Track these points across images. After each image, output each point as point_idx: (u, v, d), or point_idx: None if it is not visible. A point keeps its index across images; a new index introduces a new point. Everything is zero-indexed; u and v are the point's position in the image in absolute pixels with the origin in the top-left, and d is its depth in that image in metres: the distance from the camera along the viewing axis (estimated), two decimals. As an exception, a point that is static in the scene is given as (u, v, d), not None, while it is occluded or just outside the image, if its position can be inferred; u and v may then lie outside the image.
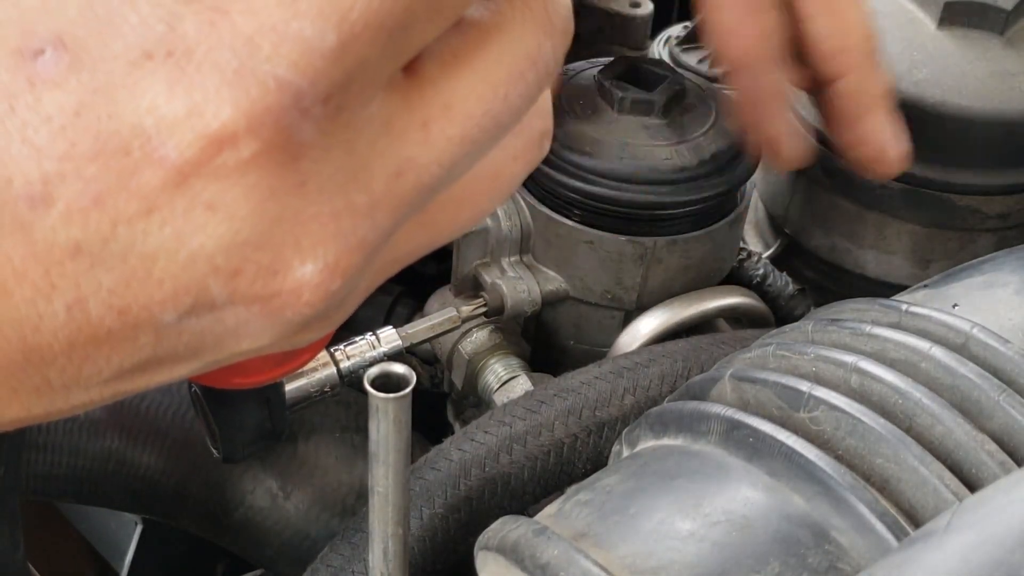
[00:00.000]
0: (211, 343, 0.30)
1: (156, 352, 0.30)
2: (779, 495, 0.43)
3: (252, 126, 0.26)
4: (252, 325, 0.30)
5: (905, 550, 0.34)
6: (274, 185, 0.27)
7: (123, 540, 0.88)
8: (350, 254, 0.29)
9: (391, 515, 0.47)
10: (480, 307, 0.67)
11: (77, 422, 0.69)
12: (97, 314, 0.28)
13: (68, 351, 0.29)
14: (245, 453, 0.59)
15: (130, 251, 0.27)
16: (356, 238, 0.29)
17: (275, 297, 0.29)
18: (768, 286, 0.73)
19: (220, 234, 0.28)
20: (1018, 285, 0.51)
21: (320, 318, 0.31)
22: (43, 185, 0.27)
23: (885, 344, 0.47)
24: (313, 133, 0.27)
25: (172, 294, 0.28)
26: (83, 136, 0.26)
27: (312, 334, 0.32)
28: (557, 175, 0.65)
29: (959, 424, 0.43)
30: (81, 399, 0.30)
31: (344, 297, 0.30)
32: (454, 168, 0.30)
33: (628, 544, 0.43)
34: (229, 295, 0.29)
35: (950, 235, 0.71)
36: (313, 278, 0.29)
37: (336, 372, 0.63)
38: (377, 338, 0.65)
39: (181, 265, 0.28)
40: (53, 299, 0.28)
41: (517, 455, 0.58)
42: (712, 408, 0.47)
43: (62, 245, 0.27)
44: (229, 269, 0.28)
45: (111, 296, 0.28)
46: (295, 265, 0.29)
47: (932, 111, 0.68)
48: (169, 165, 0.27)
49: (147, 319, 0.28)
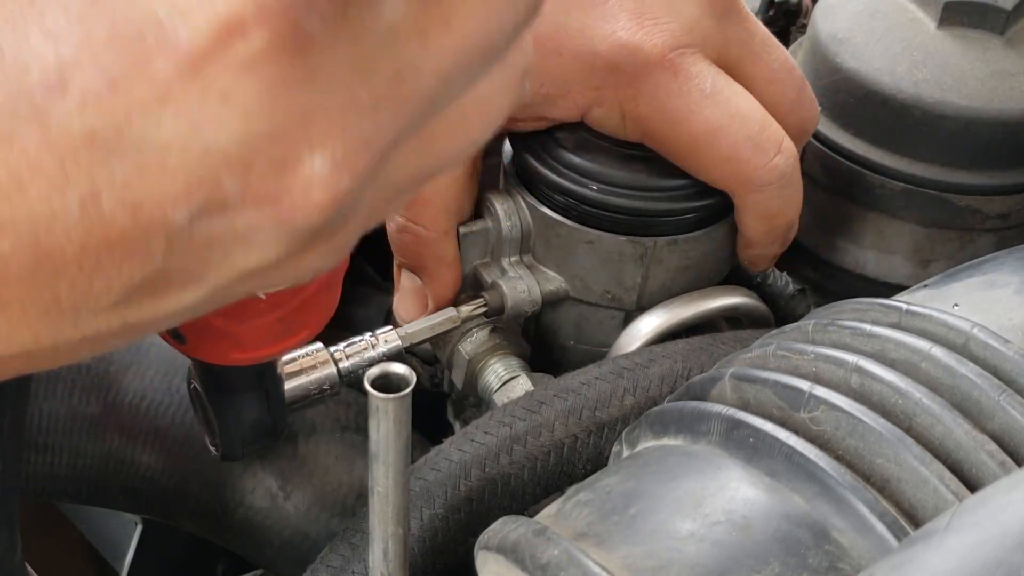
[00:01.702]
0: (220, 255, 0.30)
1: (166, 263, 0.30)
2: (779, 495, 0.43)
3: (261, 14, 0.27)
4: (261, 232, 0.30)
5: (905, 550, 0.34)
6: (284, 76, 0.28)
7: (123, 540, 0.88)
8: (356, 152, 0.30)
9: (391, 515, 0.47)
10: (480, 307, 0.67)
11: (77, 422, 0.69)
12: (110, 210, 0.28)
13: (80, 257, 0.29)
14: (244, 451, 0.59)
15: (144, 141, 0.28)
16: (361, 136, 0.30)
17: (286, 195, 0.29)
18: (768, 286, 0.73)
19: (233, 125, 0.28)
20: (1018, 285, 0.51)
21: (327, 228, 0.31)
22: (59, 72, 0.27)
23: (885, 344, 0.47)
24: (320, 26, 0.28)
25: (185, 189, 0.28)
26: (99, 23, 0.27)
27: (315, 257, 0.32)
28: (562, 182, 0.65)
29: (959, 424, 0.43)
30: (90, 326, 0.30)
31: (350, 205, 0.31)
32: (449, 82, 0.31)
33: (628, 544, 0.43)
34: (241, 192, 0.29)
35: (950, 235, 0.71)
36: (322, 172, 0.29)
37: (335, 371, 0.63)
38: (376, 338, 0.65)
39: (195, 156, 0.28)
40: (67, 192, 0.28)
41: (517, 455, 0.58)
42: (712, 408, 0.47)
43: (77, 133, 0.27)
44: (242, 162, 0.29)
45: (124, 190, 0.28)
46: (305, 158, 0.29)
47: (932, 111, 0.68)
48: (182, 52, 0.27)
49: (159, 219, 0.29)
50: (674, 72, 0.61)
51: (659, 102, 0.62)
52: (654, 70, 0.61)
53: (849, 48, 0.70)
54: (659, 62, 0.61)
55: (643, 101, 0.62)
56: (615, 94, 0.62)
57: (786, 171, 0.63)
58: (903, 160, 0.70)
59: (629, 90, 0.62)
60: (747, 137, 0.62)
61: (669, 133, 0.62)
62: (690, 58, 0.61)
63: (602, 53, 0.61)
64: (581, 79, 0.62)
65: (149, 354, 0.70)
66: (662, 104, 0.62)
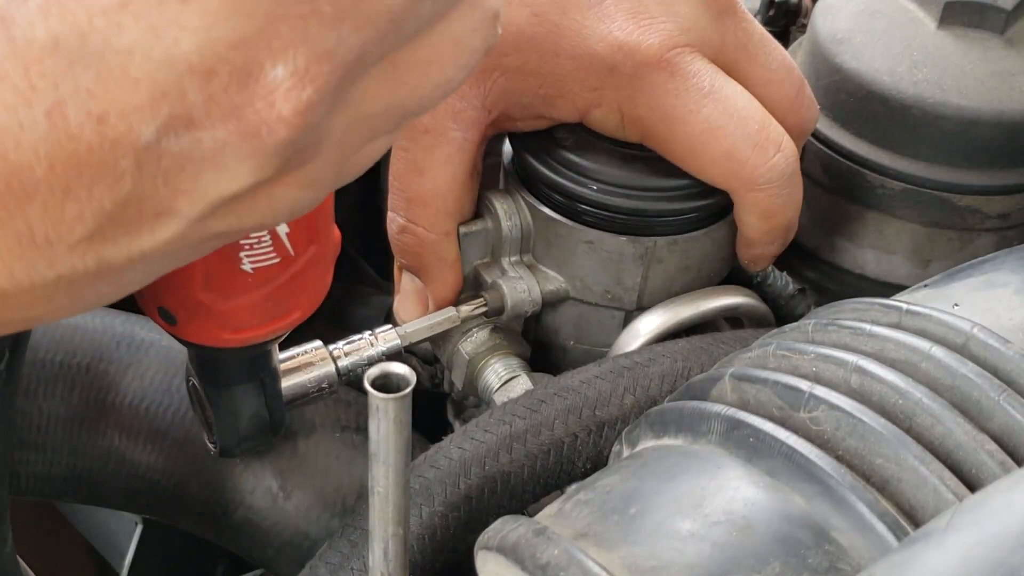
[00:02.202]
0: (191, 180, 0.30)
1: (136, 186, 0.30)
2: (779, 495, 0.43)
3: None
4: (229, 150, 0.30)
5: (905, 550, 0.34)
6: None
7: (123, 540, 0.88)
8: (319, 61, 0.30)
9: (391, 515, 0.47)
10: (480, 307, 0.67)
11: (76, 422, 0.69)
12: (77, 122, 0.28)
13: (49, 176, 0.29)
14: (242, 448, 0.59)
15: (106, 46, 0.28)
16: (324, 47, 0.30)
17: (249, 108, 0.29)
18: (768, 286, 0.73)
19: (193, 28, 0.28)
20: (1018, 285, 0.51)
21: (294, 147, 0.31)
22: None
23: (885, 344, 0.47)
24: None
25: (149, 98, 0.28)
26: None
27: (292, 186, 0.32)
28: (562, 181, 0.65)
29: (959, 424, 0.43)
30: (65, 264, 0.30)
31: (317, 123, 0.31)
32: (413, 7, 0.31)
33: (628, 544, 0.43)
34: (205, 103, 0.29)
35: (950, 235, 0.71)
36: (284, 82, 0.30)
37: (334, 370, 0.63)
38: (376, 337, 0.65)
39: (157, 63, 0.28)
40: (33, 103, 0.28)
41: (517, 454, 0.58)
42: (712, 408, 0.47)
43: (41, 40, 0.27)
44: (203, 69, 0.29)
45: (90, 99, 0.28)
46: (267, 67, 0.29)
47: (932, 111, 0.68)
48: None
49: (125, 132, 0.29)
50: (671, 72, 0.61)
51: (657, 102, 0.61)
52: (652, 70, 0.61)
53: (849, 48, 0.70)
54: (656, 62, 0.61)
55: (641, 101, 0.62)
56: (613, 94, 0.62)
57: (786, 170, 0.63)
58: (903, 160, 0.70)
59: (627, 90, 0.62)
60: (746, 136, 0.62)
61: (668, 133, 0.62)
62: (687, 57, 0.61)
63: (599, 53, 0.61)
64: (579, 79, 0.62)
65: (149, 354, 0.70)
66: (660, 104, 0.62)
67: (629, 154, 0.65)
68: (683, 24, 0.61)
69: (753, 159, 0.62)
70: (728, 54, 0.63)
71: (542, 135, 0.66)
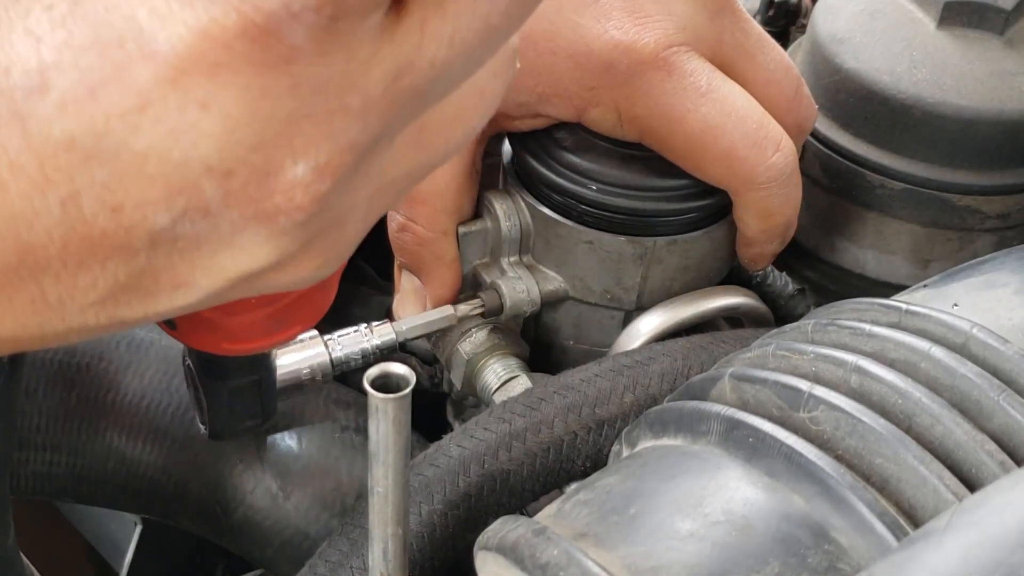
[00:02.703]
0: (207, 258, 0.30)
1: (151, 262, 0.29)
2: (779, 495, 0.43)
3: (242, 25, 0.27)
4: (247, 234, 0.30)
5: (905, 550, 0.34)
6: (267, 85, 0.28)
7: (123, 540, 0.88)
8: (341, 155, 0.29)
9: (391, 515, 0.47)
10: (478, 307, 0.67)
11: (77, 421, 0.69)
12: (91, 210, 0.28)
13: (63, 253, 0.28)
14: (233, 431, 0.58)
15: (123, 146, 0.28)
16: (347, 139, 0.29)
17: (267, 199, 0.29)
18: (768, 286, 0.73)
19: (213, 133, 0.28)
20: (1018, 285, 0.51)
21: (314, 230, 0.30)
22: (40, 75, 0.27)
23: (885, 344, 0.47)
24: (305, 38, 0.27)
25: (165, 193, 0.28)
26: (81, 26, 0.27)
27: (310, 260, 0.32)
28: (562, 182, 0.65)
29: (959, 424, 0.43)
30: (76, 320, 0.30)
31: (337, 202, 0.30)
32: (447, 72, 0.30)
33: (628, 544, 0.43)
34: (223, 197, 0.29)
35: (950, 235, 0.71)
36: (305, 178, 0.29)
37: (328, 360, 0.63)
38: (371, 330, 0.65)
39: (174, 164, 0.28)
40: (48, 193, 0.28)
41: (517, 452, 0.58)
42: (712, 408, 0.47)
43: (57, 137, 0.27)
44: (222, 169, 0.28)
45: (104, 191, 0.28)
46: (287, 165, 0.29)
47: (932, 111, 0.68)
48: (161, 60, 0.27)
49: (140, 220, 0.28)
50: (668, 71, 0.61)
51: (654, 101, 0.61)
52: (648, 69, 0.61)
53: (849, 48, 0.70)
54: (653, 60, 0.61)
55: (638, 100, 0.62)
56: (610, 93, 0.62)
57: (785, 169, 0.63)
58: (903, 160, 0.70)
59: (624, 89, 0.61)
60: (745, 135, 0.62)
61: (666, 132, 0.62)
62: (684, 56, 0.61)
63: (596, 52, 0.61)
64: (576, 78, 0.62)
65: (149, 354, 0.70)
66: (657, 103, 0.61)
67: (629, 154, 0.65)
68: (680, 23, 0.61)
69: (752, 158, 0.62)
70: (725, 53, 0.63)
71: (542, 135, 0.66)
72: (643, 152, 0.65)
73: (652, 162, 0.64)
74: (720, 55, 0.63)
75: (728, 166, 0.63)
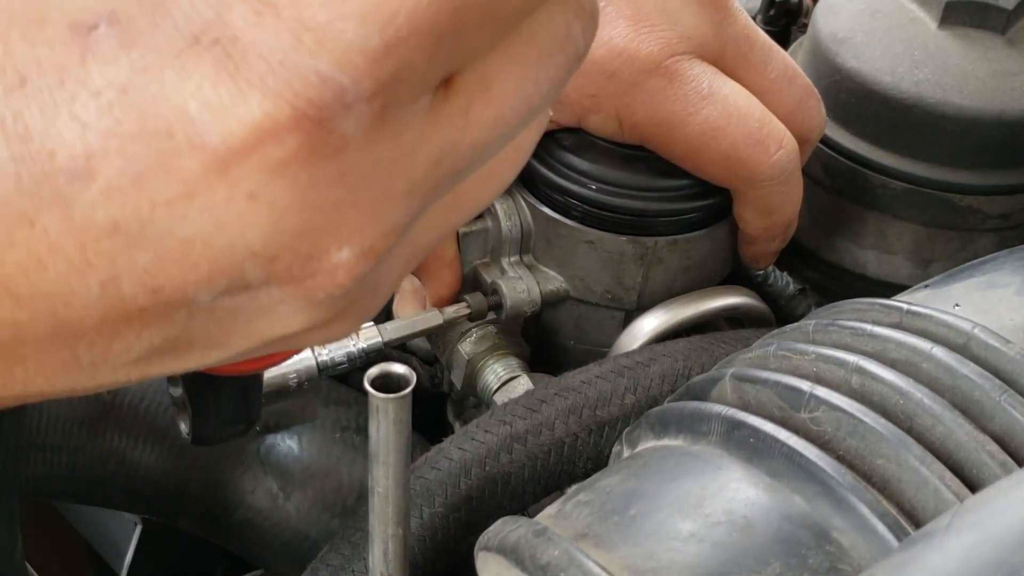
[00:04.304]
0: (243, 324, 0.30)
1: (187, 331, 0.30)
2: (780, 495, 0.43)
3: (295, 118, 0.27)
4: (285, 306, 0.30)
5: (906, 550, 0.33)
6: (316, 176, 0.27)
7: (123, 540, 0.88)
8: (384, 238, 0.30)
9: (391, 515, 0.47)
10: (463, 309, 0.67)
11: (77, 421, 0.69)
12: (131, 292, 0.28)
13: (98, 327, 0.28)
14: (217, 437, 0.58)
15: (168, 234, 0.27)
16: (391, 223, 0.29)
17: (309, 278, 0.29)
18: (769, 286, 0.73)
19: (261, 223, 0.28)
20: (1019, 285, 0.50)
21: (350, 301, 0.31)
22: (86, 160, 0.27)
23: (886, 344, 0.47)
24: (356, 128, 0.27)
25: (207, 277, 0.28)
26: (129, 114, 0.27)
27: (344, 324, 0.32)
28: (562, 182, 0.65)
29: (960, 425, 0.43)
30: (108, 379, 0.30)
31: (373, 279, 0.31)
32: (486, 151, 0.31)
33: (628, 545, 0.43)
34: (265, 278, 0.29)
35: (951, 235, 0.71)
36: (348, 262, 0.29)
37: (314, 364, 0.63)
38: (356, 333, 0.65)
39: (218, 250, 0.28)
40: (87, 275, 0.28)
41: (518, 454, 0.58)
42: (713, 408, 0.47)
43: (100, 223, 0.27)
44: (267, 256, 0.28)
45: (145, 275, 0.28)
46: (332, 251, 0.29)
47: (933, 111, 0.68)
48: (211, 151, 0.27)
49: (180, 299, 0.28)
50: (670, 78, 0.61)
51: (655, 108, 0.61)
52: (650, 77, 0.61)
53: (850, 48, 0.70)
54: (655, 68, 0.61)
55: (639, 108, 0.62)
56: (611, 101, 0.62)
57: (787, 167, 0.63)
58: (904, 160, 0.70)
59: (625, 97, 0.61)
60: (747, 135, 0.62)
61: (666, 137, 0.62)
62: (686, 64, 0.61)
63: (598, 59, 0.61)
64: (577, 85, 0.62)
65: (149, 354, 0.70)
66: (658, 110, 0.61)
67: (629, 154, 0.65)
68: (684, 32, 0.61)
69: (754, 156, 0.62)
70: (728, 63, 0.63)
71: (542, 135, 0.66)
72: (644, 152, 0.65)
73: (653, 162, 0.64)
74: (722, 65, 0.63)
75: (730, 165, 0.63)
